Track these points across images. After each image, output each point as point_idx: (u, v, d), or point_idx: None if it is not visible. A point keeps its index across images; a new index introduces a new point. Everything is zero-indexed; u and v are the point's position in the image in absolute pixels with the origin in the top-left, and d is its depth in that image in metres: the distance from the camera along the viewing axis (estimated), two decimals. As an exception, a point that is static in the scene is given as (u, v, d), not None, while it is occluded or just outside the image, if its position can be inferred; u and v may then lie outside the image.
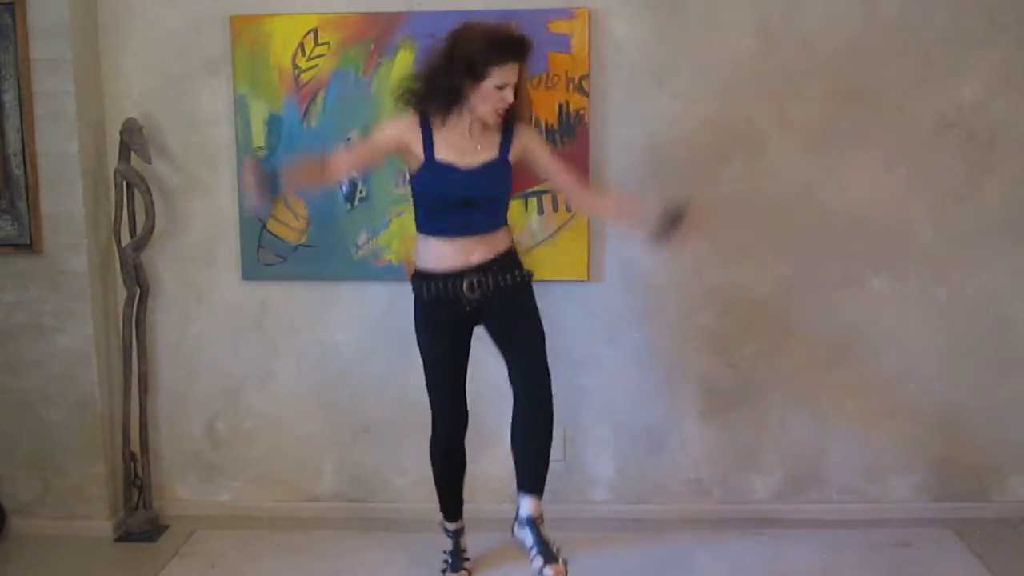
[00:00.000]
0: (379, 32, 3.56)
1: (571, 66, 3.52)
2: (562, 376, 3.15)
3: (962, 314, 3.67)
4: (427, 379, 3.16)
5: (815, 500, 3.78)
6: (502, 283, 3.04)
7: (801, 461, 3.77)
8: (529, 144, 3.11)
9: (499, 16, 3.48)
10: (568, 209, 3.59)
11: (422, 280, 3.07)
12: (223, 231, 3.72)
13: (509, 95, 2.91)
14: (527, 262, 3.23)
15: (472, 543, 3.45)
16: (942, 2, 3.51)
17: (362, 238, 3.67)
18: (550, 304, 3.33)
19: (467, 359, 3.15)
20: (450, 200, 2.99)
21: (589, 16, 3.51)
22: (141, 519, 3.72)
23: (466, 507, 3.34)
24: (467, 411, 3.20)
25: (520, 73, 2.95)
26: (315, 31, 3.57)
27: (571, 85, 3.54)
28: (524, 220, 3.60)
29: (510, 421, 3.04)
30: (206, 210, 3.72)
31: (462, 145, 2.99)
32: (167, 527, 3.76)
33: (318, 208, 3.66)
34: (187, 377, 3.82)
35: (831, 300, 3.68)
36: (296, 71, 3.59)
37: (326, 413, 3.82)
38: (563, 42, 3.52)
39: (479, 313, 3.07)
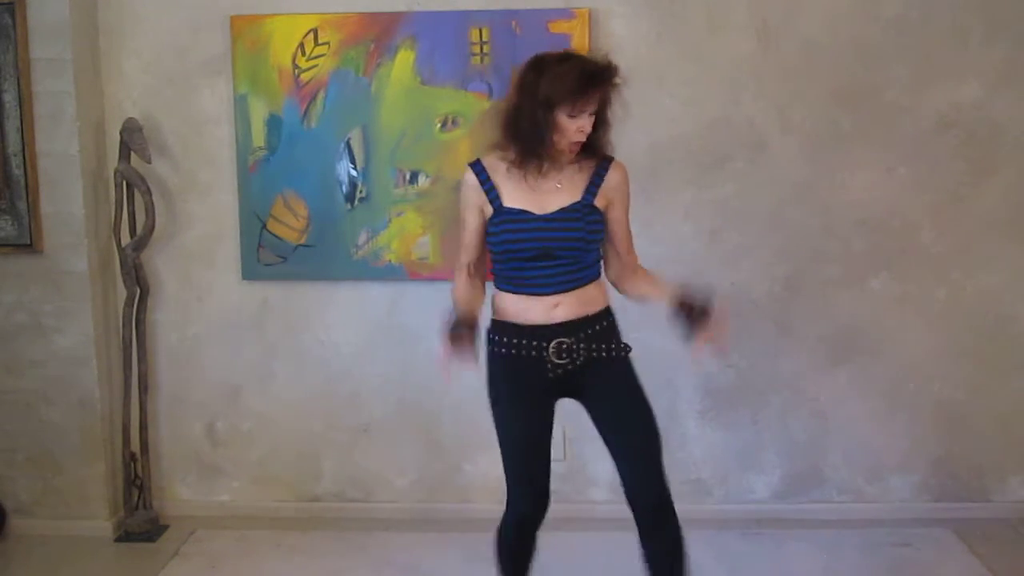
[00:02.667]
0: (379, 32, 3.56)
1: (571, 66, 3.52)
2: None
3: (962, 314, 3.67)
4: (502, 450, 2.68)
5: (815, 500, 3.78)
6: (595, 354, 2.60)
7: (801, 461, 3.77)
8: (617, 193, 2.64)
9: (499, 16, 3.51)
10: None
11: (499, 332, 2.62)
12: (223, 231, 3.72)
13: (587, 125, 2.51)
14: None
15: (469, 545, 3.43)
16: (942, 2, 3.51)
17: (362, 238, 3.67)
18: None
19: (550, 433, 2.66)
20: (524, 253, 2.55)
21: (589, 16, 3.51)
22: (141, 519, 3.72)
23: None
24: (549, 492, 2.67)
25: (604, 101, 2.53)
26: (315, 31, 3.57)
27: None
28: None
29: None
30: (206, 210, 3.72)
31: (537, 185, 2.56)
32: (167, 527, 3.76)
33: (318, 208, 3.66)
34: (187, 377, 3.82)
35: (831, 300, 3.68)
36: (296, 71, 3.59)
37: (326, 413, 3.82)
38: (563, 42, 3.51)
39: (567, 384, 2.62)
